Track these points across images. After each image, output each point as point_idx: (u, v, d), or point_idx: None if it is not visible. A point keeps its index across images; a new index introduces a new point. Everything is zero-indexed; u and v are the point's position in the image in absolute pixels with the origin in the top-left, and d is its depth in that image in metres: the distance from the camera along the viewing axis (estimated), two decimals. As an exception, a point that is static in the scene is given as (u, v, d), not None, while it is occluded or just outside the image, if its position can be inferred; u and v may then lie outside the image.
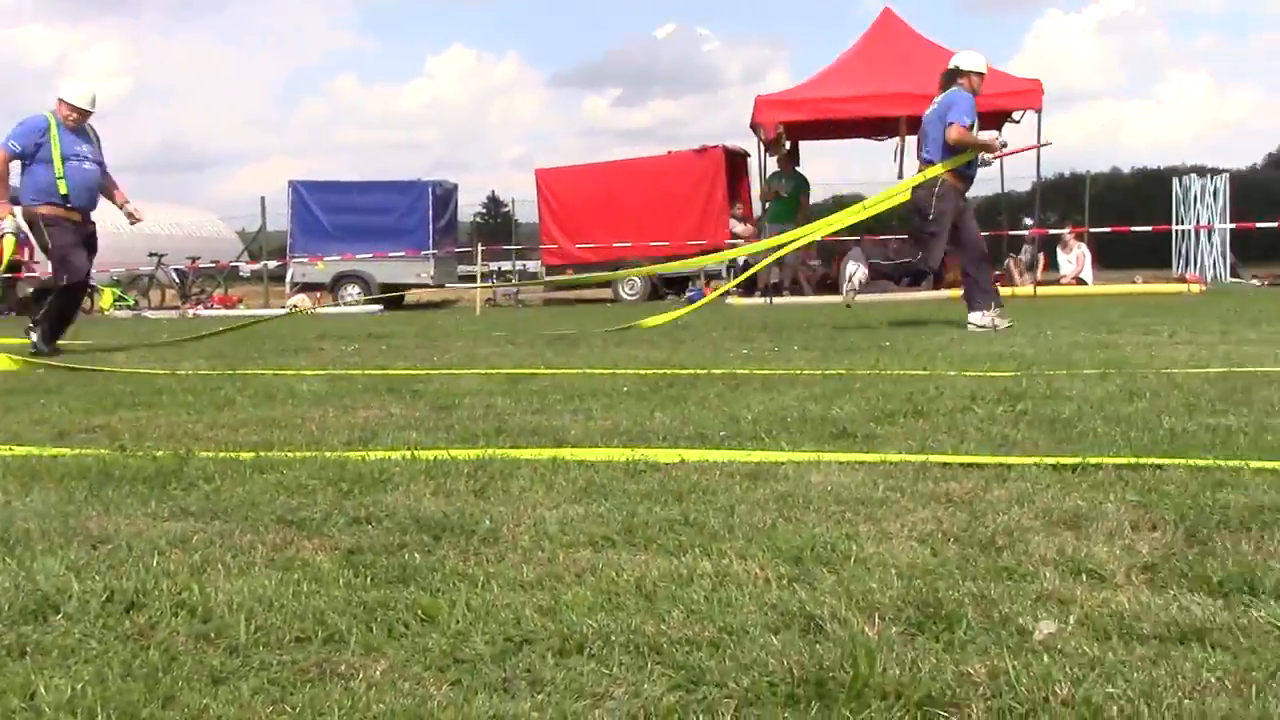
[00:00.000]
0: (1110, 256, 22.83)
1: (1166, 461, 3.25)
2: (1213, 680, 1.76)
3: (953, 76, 9.41)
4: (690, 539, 2.63)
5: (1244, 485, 2.97)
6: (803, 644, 1.94)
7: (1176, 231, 21.84)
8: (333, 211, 22.08)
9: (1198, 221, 21.58)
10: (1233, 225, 21.22)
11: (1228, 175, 23.04)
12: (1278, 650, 1.87)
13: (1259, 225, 20.69)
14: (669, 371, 6.11)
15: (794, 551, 2.49)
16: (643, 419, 4.44)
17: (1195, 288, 17.14)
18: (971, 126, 9.10)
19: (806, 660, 1.86)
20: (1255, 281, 19.62)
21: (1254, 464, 3.17)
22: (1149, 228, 21.21)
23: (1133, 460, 3.29)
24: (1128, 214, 22.10)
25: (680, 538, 2.64)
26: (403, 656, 1.96)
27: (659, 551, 2.55)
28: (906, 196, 9.59)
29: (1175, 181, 23.11)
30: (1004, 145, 9.33)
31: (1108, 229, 20.05)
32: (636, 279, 20.53)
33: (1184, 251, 21.81)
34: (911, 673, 1.81)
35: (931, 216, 9.11)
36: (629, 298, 20.58)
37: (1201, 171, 24.34)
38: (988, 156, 9.64)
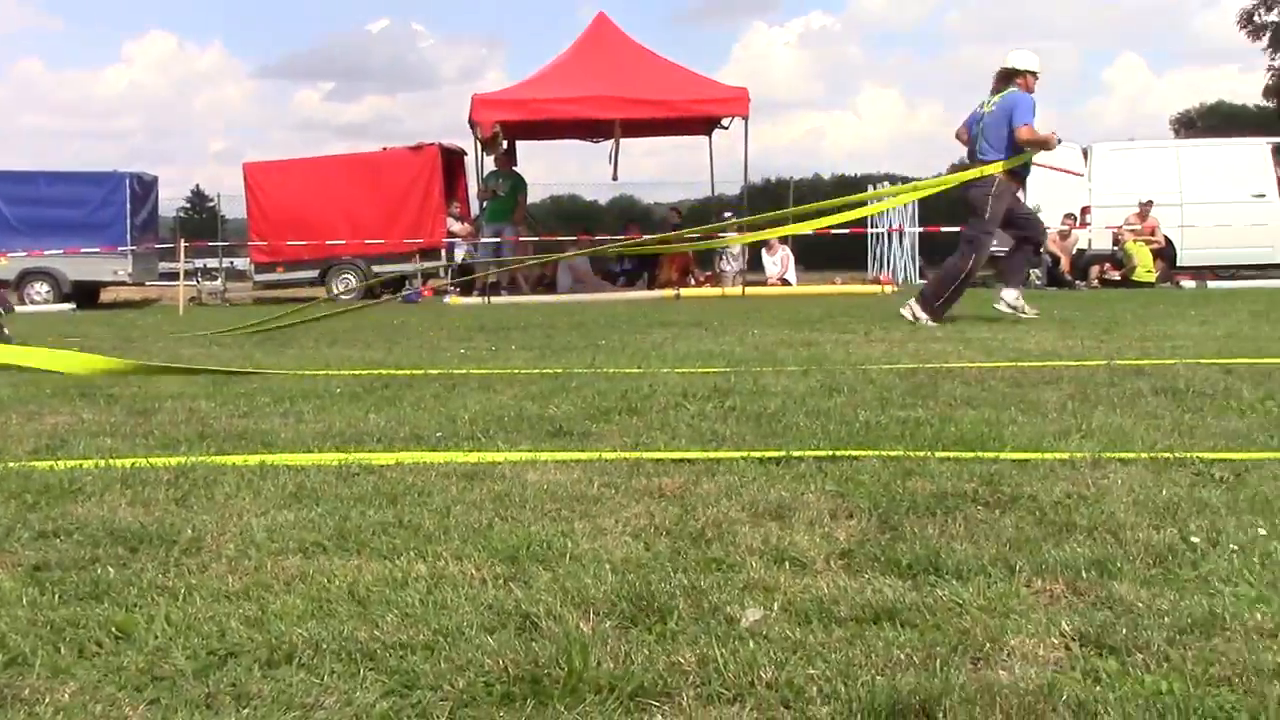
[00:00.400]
0: (812, 258, 23.96)
1: (861, 453, 3.44)
2: (902, 657, 1.87)
3: (1009, 76, 9.24)
4: (405, 541, 2.59)
5: (930, 473, 3.17)
6: (518, 643, 1.95)
7: (871, 235, 23.15)
8: (16, 203, 20.50)
9: (890, 226, 22.95)
10: (921, 229, 22.70)
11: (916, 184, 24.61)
12: (959, 626, 2.01)
13: (944, 230, 22.22)
14: (384, 372, 6.00)
15: (510, 551, 2.49)
16: (356, 421, 4.34)
17: (888, 288, 18.20)
18: (1035, 126, 9.03)
19: (522, 658, 1.87)
20: (940, 283, 21.03)
21: (939, 454, 3.40)
22: (847, 231, 22.42)
23: (831, 452, 3.47)
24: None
25: (395, 541, 2.60)
26: (95, 677, 1.84)
27: (372, 555, 2.50)
28: (945, 185, 9.67)
29: (870, 188, 24.50)
30: (1059, 141, 9.28)
31: (810, 232, 21.05)
32: (351, 278, 20.06)
33: (878, 254, 23.15)
34: (625, 665, 1.85)
35: (988, 216, 9.06)
36: (343, 297, 20.07)
37: (894, 179, 25.93)
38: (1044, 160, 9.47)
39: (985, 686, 1.73)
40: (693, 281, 19.55)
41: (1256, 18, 35.79)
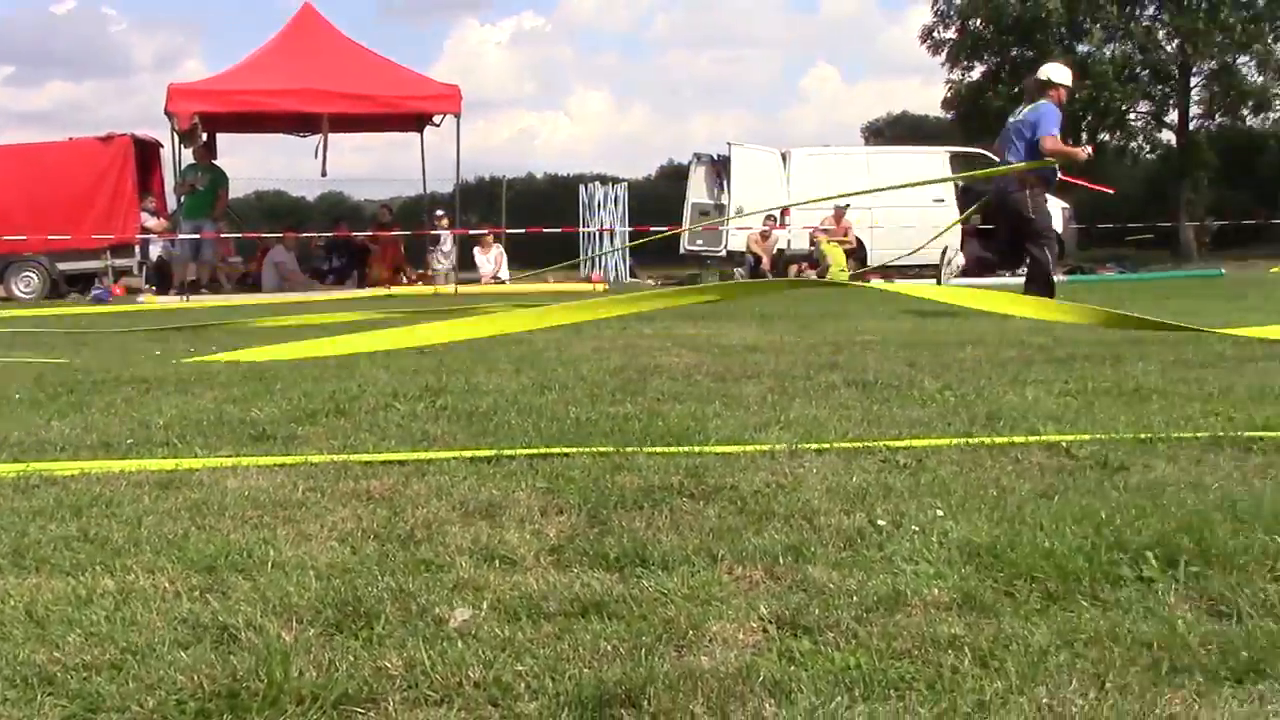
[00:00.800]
0: (525, 257, 24.08)
1: (572, 450, 3.48)
2: (609, 648, 1.90)
3: (1042, 87, 9.76)
4: (91, 556, 2.43)
5: (638, 468, 3.24)
6: (215, 656, 1.86)
7: (583, 234, 23.50)
8: None
9: (601, 225, 23.36)
10: (631, 229, 23.23)
11: (626, 184, 25.20)
12: (664, 615, 2.06)
13: (653, 229, 22.80)
14: (70, 375, 5.62)
15: (207, 561, 2.38)
16: (37, 429, 4.05)
17: (599, 287, 18.51)
18: (1059, 138, 9.62)
19: (219, 672, 1.79)
20: (650, 282, 21.57)
21: (647, 449, 3.47)
22: (559, 229, 22.71)
23: (543, 450, 3.49)
24: (541, 217, 23.47)
25: (79, 555, 2.44)
26: None
27: (53, 572, 2.33)
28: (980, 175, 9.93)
29: (582, 188, 24.86)
30: (1088, 155, 10.03)
31: (522, 230, 21.18)
32: (34, 276, 18.73)
33: (590, 253, 23.50)
34: (329, 673, 1.80)
35: (1034, 215, 9.52)
36: (25, 296, 18.68)
37: (604, 180, 26.40)
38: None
39: (688, 672, 1.78)
40: (405, 280, 19.28)
41: (936, 34, 38.32)
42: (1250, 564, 2.27)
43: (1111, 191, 19.55)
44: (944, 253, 10.96)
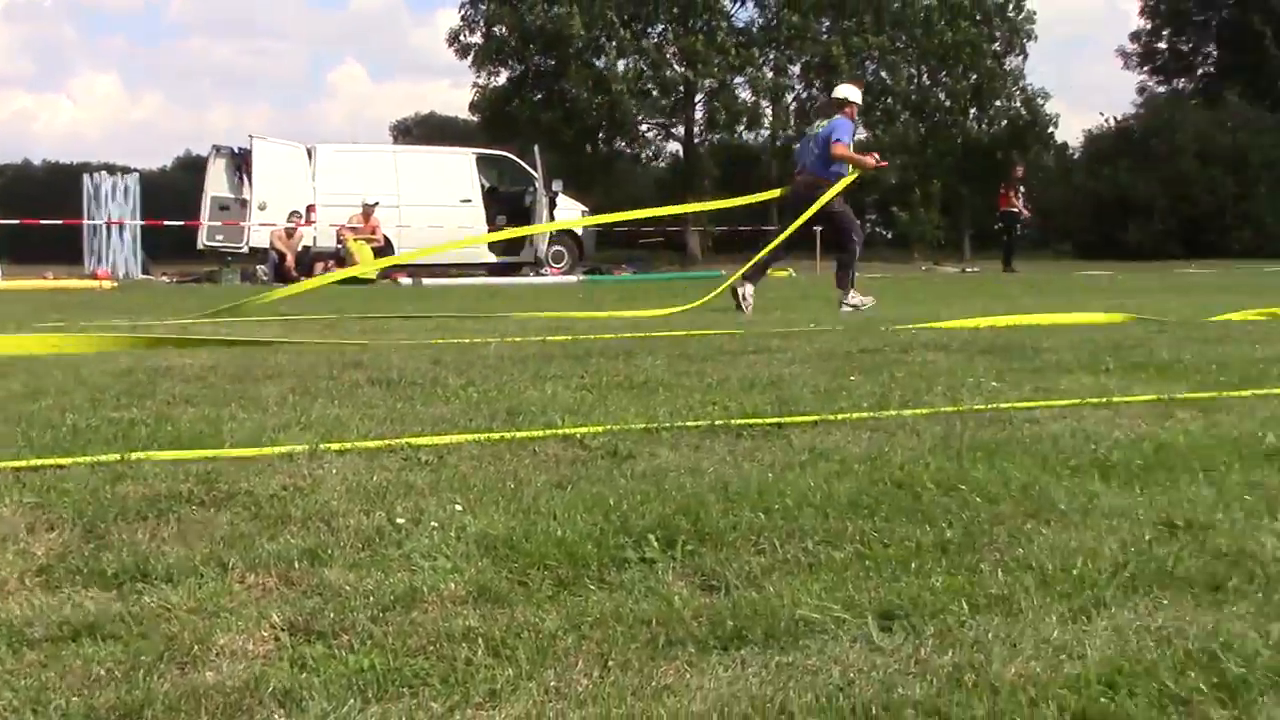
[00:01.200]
0: (19, 251, 22.07)
1: (68, 460, 3.20)
2: (103, 672, 1.77)
3: (838, 105, 10.72)
4: None
5: (143, 477, 3.03)
6: None
7: (88, 227, 21.79)
8: None
9: (109, 218, 21.76)
10: (144, 223, 21.84)
11: (138, 175, 23.64)
12: (166, 631, 1.94)
13: (168, 224, 21.60)
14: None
15: None
16: None
17: (106, 284, 17.28)
18: (849, 146, 10.60)
19: None
20: (165, 279, 20.35)
21: (154, 455, 3.26)
22: (60, 222, 20.99)
23: (33, 462, 3.18)
24: (39, 208, 21.60)
25: None
26: None
27: None
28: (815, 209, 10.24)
29: (87, 178, 23.03)
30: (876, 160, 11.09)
31: (16, 222, 19.38)
32: None
33: (95, 248, 21.84)
34: None
35: (839, 210, 10.47)
36: None
37: (112, 169, 24.61)
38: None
39: (191, 690, 1.69)
40: None
41: (463, 38, 38.94)
42: (738, 540, 2.47)
43: (884, 164, 20.94)
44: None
